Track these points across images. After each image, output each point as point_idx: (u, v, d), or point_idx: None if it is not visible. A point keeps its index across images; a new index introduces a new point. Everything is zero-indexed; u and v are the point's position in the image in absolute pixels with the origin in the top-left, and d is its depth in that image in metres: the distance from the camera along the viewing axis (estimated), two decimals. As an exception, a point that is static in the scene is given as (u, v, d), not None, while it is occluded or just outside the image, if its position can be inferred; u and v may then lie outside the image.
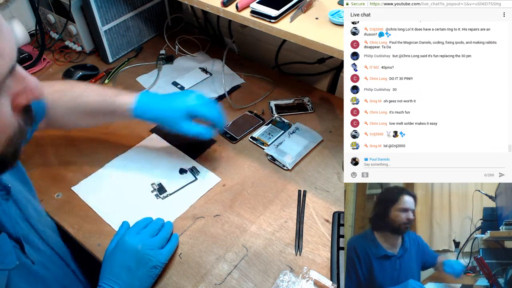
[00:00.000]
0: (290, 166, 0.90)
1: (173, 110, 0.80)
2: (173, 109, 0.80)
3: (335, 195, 0.85)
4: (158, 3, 1.28)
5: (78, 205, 0.84)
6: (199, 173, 0.90)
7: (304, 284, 0.70)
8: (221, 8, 0.82)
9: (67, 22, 1.18)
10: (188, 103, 0.80)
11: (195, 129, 0.81)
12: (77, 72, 1.14)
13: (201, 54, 1.25)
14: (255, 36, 1.23)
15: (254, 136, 0.97)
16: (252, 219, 0.81)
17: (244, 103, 1.07)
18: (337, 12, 0.75)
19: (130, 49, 1.27)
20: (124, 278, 0.66)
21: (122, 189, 0.87)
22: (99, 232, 0.79)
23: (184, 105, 0.80)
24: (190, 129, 0.80)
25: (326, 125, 1.01)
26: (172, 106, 0.81)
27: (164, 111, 0.80)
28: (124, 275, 0.66)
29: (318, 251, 0.76)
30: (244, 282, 0.71)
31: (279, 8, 0.77)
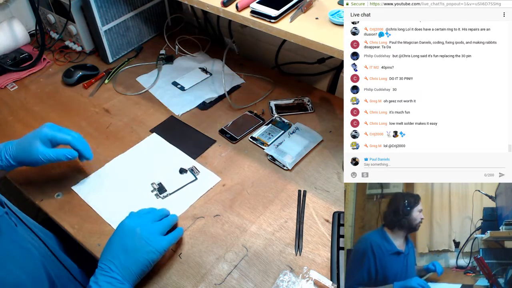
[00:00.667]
0: (290, 166, 0.90)
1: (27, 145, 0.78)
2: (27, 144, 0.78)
3: (335, 195, 0.85)
4: (158, 3, 1.28)
5: (78, 205, 0.84)
6: (199, 172, 0.90)
7: (304, 284, 0.70)
8: (221, 8, 0.82)
9: (67, 22, 1.18)
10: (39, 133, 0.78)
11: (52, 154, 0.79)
12: (77, 72, 1.14)
13: (201, 54, 1.25)
14: (255, 36, 1.23)
15: (254, 136, 0.97)
16: (252, 219, 0.81)
17: (244, 103, 1.07)
18: (337, 12, 0.75)
19: (130, 49, 1.27)
20: (121, 258, 0.67)
21: (122, 188, 0.87)
22: (99, 232, 0.79)
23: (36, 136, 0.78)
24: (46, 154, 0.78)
25: (326, 125, 1.01)
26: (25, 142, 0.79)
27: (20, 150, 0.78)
28: (121, 256, 0.67)
29: (318, 251, 0.76)
30: (244, 282, 0.71)
31: (279, 8, 0.77)
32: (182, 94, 1.11)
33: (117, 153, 0.94)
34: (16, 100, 1.09)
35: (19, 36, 1.21)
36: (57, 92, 1.12)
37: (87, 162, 0.91)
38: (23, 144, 0.78)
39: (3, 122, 1.03)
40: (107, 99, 1.10)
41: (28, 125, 1.02)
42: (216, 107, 1.07)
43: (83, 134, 0.98)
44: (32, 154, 0.77)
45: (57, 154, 0.79)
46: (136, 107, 1.07)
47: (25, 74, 1.17)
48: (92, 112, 1.06)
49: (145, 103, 1.08)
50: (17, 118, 1.04)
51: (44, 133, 0.78)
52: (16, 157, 0.78)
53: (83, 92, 1.12)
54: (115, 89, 1.13)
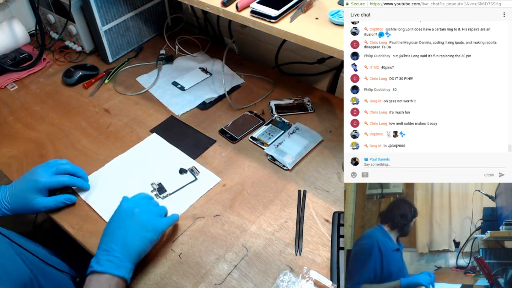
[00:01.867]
0: (290, 166, 0.90)
1: (22, 195, 0.78)
2: (21, 193, 0.78)
3: (335, 195, 0.85)
4: (158, 3, 1.28)
5: (78, 205, 0.84)
6: (199, 173, 0.90)
7: (304, 284, 0.70)
8: (221, 8, 0.82)
9: (67, 22, 1.18)
10: (33, 180, 0.78)
11: (50, 203, 0.79)
12: (77, 72, 1.14)
13: (201, 54, 1.25)
14: (255, 36, 1.23)
15: (254, 136, 0.97)
16: (252, 219, 0.81)
17: (244, 103, 1.07)
18: (337, 12, 0.75)
19: (130, 49, 1.27)
20: (121, 238, 0.68)
21: (122, 188, 0.87)
22: (99, 232, 0.78)
23: (30, 184, 0.78)
24: (44, 203, 0.79)
25: (326, 125, 1.01)
26: (19, 191, 0.78)
27: (14, 200, 0.78)
28: (121, 236, 0.69)
29: (318, 251, 0.76)
30: (244, 282, 0.71)
31: (279, 8, 0.77)
32: (182, 94, 1.11)
33: (117, 153, 0.94)
34: (16, 100, 1.09)
35: (19, 36, 1.21)
36: (57, 92, 1.12)
37: (87, 162, 0.91)
38: (19, 196, 0.78)
39: (3, 122, 1.03)
40: (107, 99, 1.10)
41: (28, 125, 1.02)
42: (216, 107, 1.07)
43: (84, 134, 0.99)
44: (29, 206, 0.78)
45: (57, 203, 0.81)
46: (136, 107, 1.07)
47: (25, 74, 1.17)
48: (92, 112, 1.06)
49: (145, 103, 1.08)
50: (17, 118, 1.04)
51: (40, 184, 0.78)
52: (13, 210, 0.78)
53: (83, 92, 1.12)
54: (115, 89, 1.13)
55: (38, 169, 0.80)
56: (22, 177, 0.81)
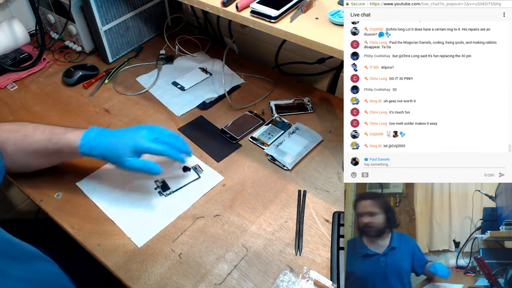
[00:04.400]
0: (290, 166, 0.90)
1: (119, 147, 0.77)
2: (119, 145, 0.78)
3: (335, 195, 0.85)
4: (158, 3, 1.28)
5: (78, 205, 0.84)
6: (202, 171, 0.90)
7: (304, 284, 0.70)
8: (221, 8, 0.82)
9: (67, 22, 1.18)
10: (135, 140, 0.78)
11: (138, 164, 0.78)
12: (77, 72, 1.14)
13: (201, 54, 1.25)
14: (255, 36, 1.23)
15: (254, 136, 0.97)
16: (252, 219, 0.81)
17: (244, 103, 1.07)
18: (337, 12, 0.75)
19: (130, 49, 1.27)
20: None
21: (126, 185, 0.87)
22: (99, 232, 0.79)
23: (131, 141, 0.78)
24: (133, 164, 0.78)
25: (326, 125, 1.01)
26: (118, 142, 0.78)
27: (109, 147, 0.78)
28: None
29: (318, 251, 0.76)
30: (244, 282, 0.72)
31: (279, 8, 0.77)
32: (182, 94, 1.11)
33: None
34: (16, 100, 1.09)
35: (19, 36, 1.21)
36: (57, 92, 1.12)
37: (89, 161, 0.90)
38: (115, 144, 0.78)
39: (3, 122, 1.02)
40: (107, 99, 1.10)
41: (28, 125, 1.02)
42: (216, 107, 1.07)
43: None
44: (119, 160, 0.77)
45: (143, 167, 0.78)
46: (136, 107, 1.07)
47: (25, 74, 1.17)
48: (92, 112, 1.06)
49: (145, 103, 1.08)
50: (17, 118, 1.04)
51: (139, 147, 0.77)
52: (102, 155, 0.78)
53: (83, 92, 1.12)
54: (115, 89, 1.13)
55: (142, 131, 0.79)
56: (124, 131, 0.80)
